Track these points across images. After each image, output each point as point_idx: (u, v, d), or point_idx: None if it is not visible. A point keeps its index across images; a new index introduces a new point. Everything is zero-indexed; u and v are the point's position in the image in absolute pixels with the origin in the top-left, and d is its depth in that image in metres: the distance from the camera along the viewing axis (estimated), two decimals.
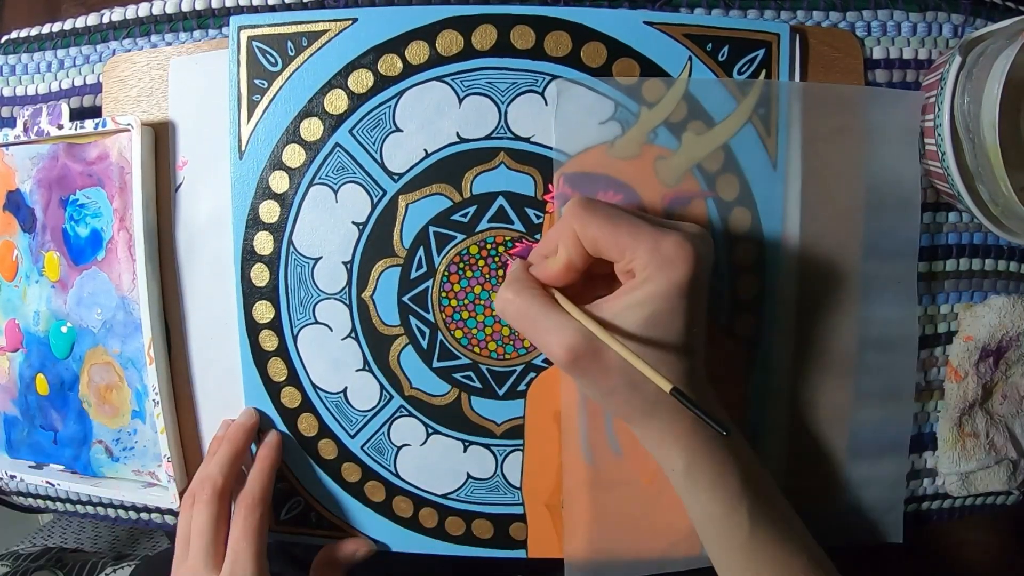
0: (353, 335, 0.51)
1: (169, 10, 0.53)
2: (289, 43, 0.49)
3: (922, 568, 0.59)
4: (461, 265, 0.50)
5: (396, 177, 0.50)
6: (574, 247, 0.41)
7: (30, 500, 0.63)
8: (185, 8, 0.53)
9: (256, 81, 0.50)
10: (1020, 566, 0.61)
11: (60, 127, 0.53)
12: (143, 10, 0.53)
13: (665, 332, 0.39)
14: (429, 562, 0.54)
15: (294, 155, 0.50)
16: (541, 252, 0.44)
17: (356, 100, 0.49)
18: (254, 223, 0.51)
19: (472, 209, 0.50)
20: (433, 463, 0.52)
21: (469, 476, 0.53)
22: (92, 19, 0.55)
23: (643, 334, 0.39)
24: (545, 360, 0.51)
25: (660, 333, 0.39)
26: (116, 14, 0.54)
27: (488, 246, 0.50)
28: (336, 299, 0.51)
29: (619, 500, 0.51)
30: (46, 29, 0.57)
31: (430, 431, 0.52)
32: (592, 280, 0.44)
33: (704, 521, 0.43)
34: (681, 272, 0.38)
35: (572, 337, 0.39)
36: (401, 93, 0.49)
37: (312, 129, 0.50)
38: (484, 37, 0.49)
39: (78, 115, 0.54)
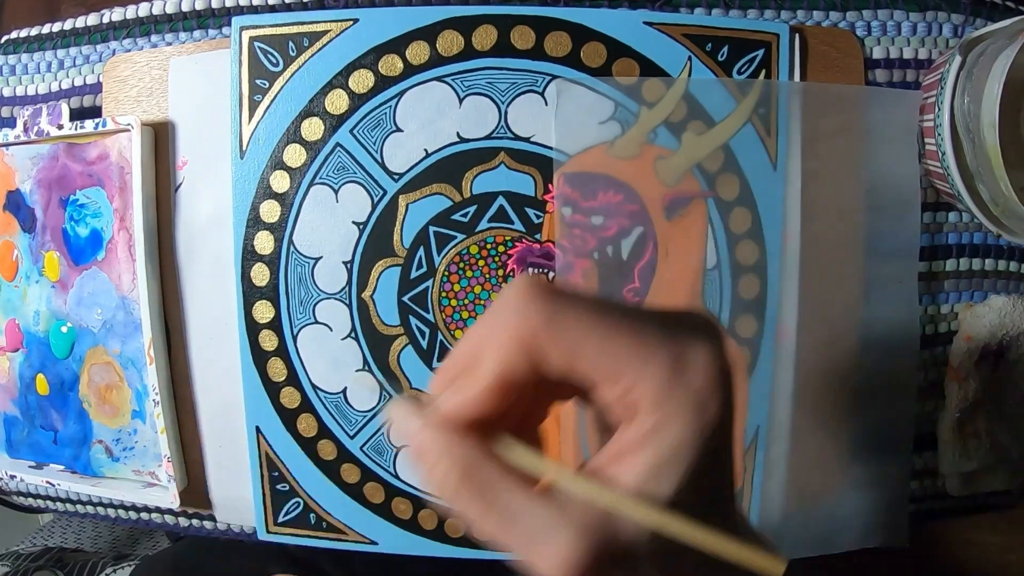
0: (353, 335, 0.51)
1: (169, 10, 0.53)
2: (290, 43, 0.49)
3: (922, 568, 0.59)
4: (461, 265, 0.50)
5: (396, 177, 0.50)
6: (520, 357, 0.24)
7: (30, 500, 0.63)
8: (185, 8, 0.53)
9: (257, 81, 0.50)
10: (1021, 566, 0.61)
11: (60, 127, 0.53)
12: (143, 10, 0.53)
13: (705, 482, 0.24)
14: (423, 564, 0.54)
15: (295, 155, 0.50)
16: (448, 373, 0.27)
17: (357, 100, 0.49)
18: (255, 223, 0.51)
19: (472, 209, 0.50)
20: None
21: None
22: (92, 19, 0.55)
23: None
24: None
25: (700, 487, 0.24)
26: (116, 14, 0.54)
27: (488, 246, 0.50)
28: (336, 299, 0.51)
29: None
30: (46, 29, 0.57)
31: None
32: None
33: None
34: (716, 410, 0.24)
35: (575, 549, 0.23)
36: (402, 93, 0.49)
37: (313, 129, 0.50)
38: (484, 37, 0.49)
39: (78, 115, 0.54)
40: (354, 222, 0.50)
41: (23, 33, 0.58)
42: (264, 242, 0.51)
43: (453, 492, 0.24)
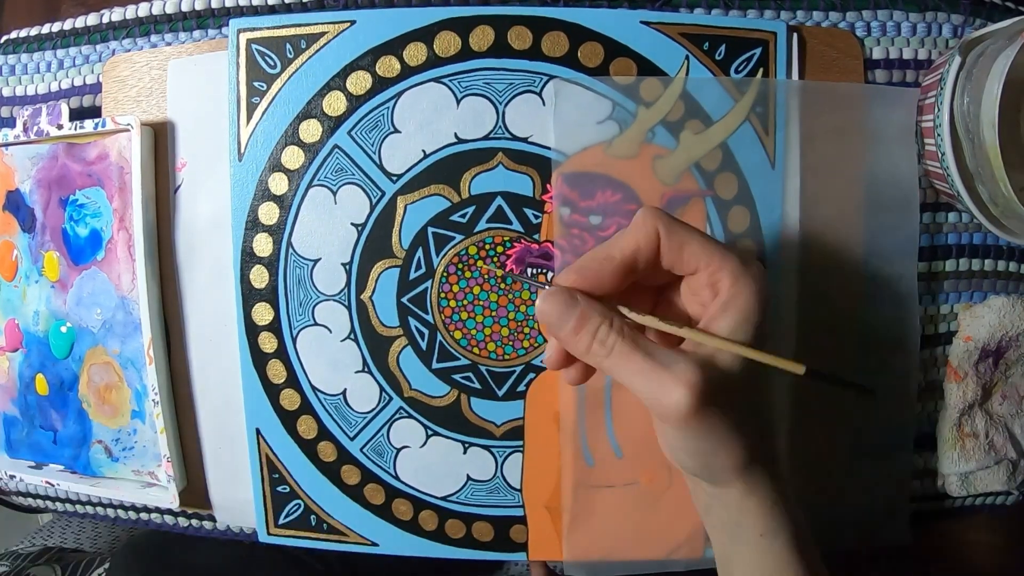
0: (352, 336, 0.51)
1: (169, 10, 0.53)
2: (288, 45, 0.49)
3: (922, 568, 0.59)
4: (460, 266, 0.50)
5: (395, 178, 0.50)
6: (648, 246, 0.35)
7: (30, 500, 0.63)
8: (185, 8, 0.53)
9: (255, 83, 0.50)
10: (1020, 566, 0.61)
11: (60, 127, 0.53)
12: (143, 10, 0.53)
13: (762, 343, 0.35)
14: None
15: (293, 157, 0.50)
16: (589, 256, 0.37)
17: (355, 102, 0.49)
18: (253, 225, 0.51)
19: (471, 209, 0.50)
20: (433, 465, 0.52)
21: (469, 478, 0.52)
22: (92, 19, 0.55)
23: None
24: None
25: (763, 337, 0.36)
26: (116, 14, 0.54)
27: (487, 246, 0.50)
28: (335, 300, 0.51)
29: (620, 501, 0.51)
30: (46, 29, 0.57)
31: (430, 432, 0.52)
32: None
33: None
34: (764, 288, 0.35)
35: (695, 376, 0.33)
36: (399, 94, 0.49)
37: (311, 131, 0.50)
38: (481, 38, 0.49)
39: (78, 115, 0.54)
40: (353, 223, 0.50)
41: (23, 33, 0.58)
42: (263, 244, 0.51)
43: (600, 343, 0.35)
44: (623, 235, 0.36)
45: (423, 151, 0.49)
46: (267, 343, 0.52)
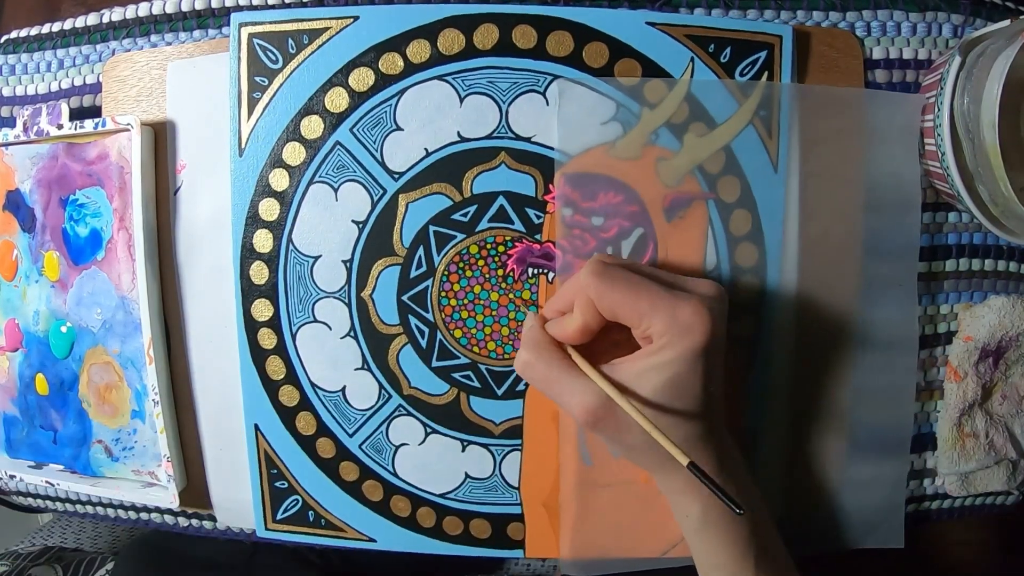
0: (352, 334, 0.51)
1: (169, 10, 0.53)
2: (290, 40, 0.49)
3: (922, 568, 0.59)
4: (461, 265, 0.50)
5: (396, 176, 0.50)
6: (590, 312, 0.41)
7: (30, 500, 0.63)
8: (185, 8, 0.53)
9: (257, 78, 0.50)
10: (1020, 566, 0.61)
11: (60, 127, 0.53)
12: (143, 10, 0.53)
13: (682, 396, 0.40)
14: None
15: (294, 153, 0.50)
16: (555, 307, 0.45)
17: (357, 98, 0.49)
18: (254, 221, 0.51)
19: (472, 209, 0.50)
20: (431, 462, 0.52)
21: (467, 476, 0.52)
22: (92, 19, 0.55)
23: (659, 400, 0.40)
24: None
25: (677, 397, 0.40)
26: (116, 14, 0.54)
27: (488, 246, 0.50)
28: (335, 298, 0.51)
29: (617, 500, 0.51)
30: (46, 29, 0.57)
31: (428, 430, 0.52)
32: (607, 331, 0.44)
33: (710, 570, 0.44)
34: (698, 339, 0.39)
35: (591, 399, 0.40)
36: (402, 92, 0.49)
37: (313, 127, 0.50)
38: (486, 36, 0.49)
39: (78, 115, 0.54)
40: (354, 221, 0.50)
41: (23, 33, 0.58)
42: (263, 240, 0.51)
43: (525, 364, 0.43)
44: (570, 315, 0.43)
45: (425, 149, 0.49)
46: (266, 339, 0.52)
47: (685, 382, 0.40)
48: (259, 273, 0.51)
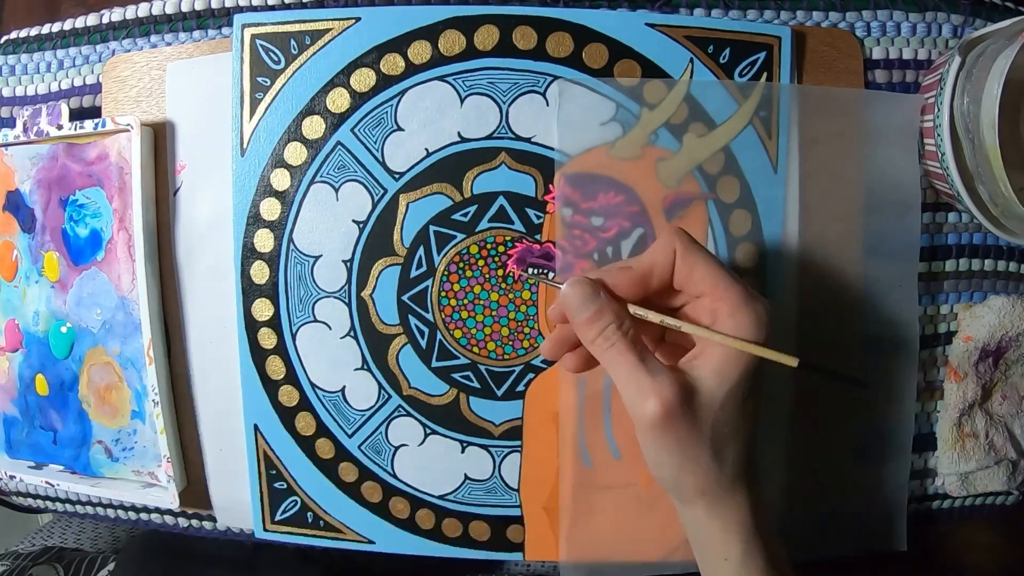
0: (352, 334, 0.51)
1: (169, 10, 0.53)
2: (292, 41, 0.49)
3: (921, 568, 0.59)
4: (461, 265, 0.50)
5: (397, 176, 0.50)
6: (664, 263, 0.38)
7: (30, 500, 0.63)
8: (185, 8, 0.53)
9: (259, 79, 0.50)
10: (1020, 567, 0.61)
11: (60, 127, 0.53)
12: (143, 10, 0.53)
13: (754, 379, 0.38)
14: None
15: (296, 153, 0.50)
16: (610, 264, 0.41)
17: (358, 99, 0.49)
18: (255, 220, 0.51)
19: (473, 209, 0.50)
20: (431, 464, 0.52)
21: (467, 477, 0.52)
22: (92, 19, 0.55)
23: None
24: (544, 361, 0.51)
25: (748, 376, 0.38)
26: (116, 14, 0.54)
27: (488, 246, 0.50)
28: (335, 297, 0.51)
29: (617, 503, 0.51)
30: (46, 29, 0.57)
31: (428, 431, 0.52)
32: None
33: None
34: (762, 329, 0.37)
35: (670, 390, 0.36)
36: (403, 92, 0.49)
37: (314, 127, 0.50)
38: (486, 37, 0.49)
39: (78, 115, 0.54)
40: (354, 221, 0.50)
41: (23, 33, 0.58)
42: (264, 240, 0.51)
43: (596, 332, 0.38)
44: (645, 252, 0.39)
45: (426, 149, 0.49)
46: (266, 339, 0.52)
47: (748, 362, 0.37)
48: (260, 273, 0.51)
